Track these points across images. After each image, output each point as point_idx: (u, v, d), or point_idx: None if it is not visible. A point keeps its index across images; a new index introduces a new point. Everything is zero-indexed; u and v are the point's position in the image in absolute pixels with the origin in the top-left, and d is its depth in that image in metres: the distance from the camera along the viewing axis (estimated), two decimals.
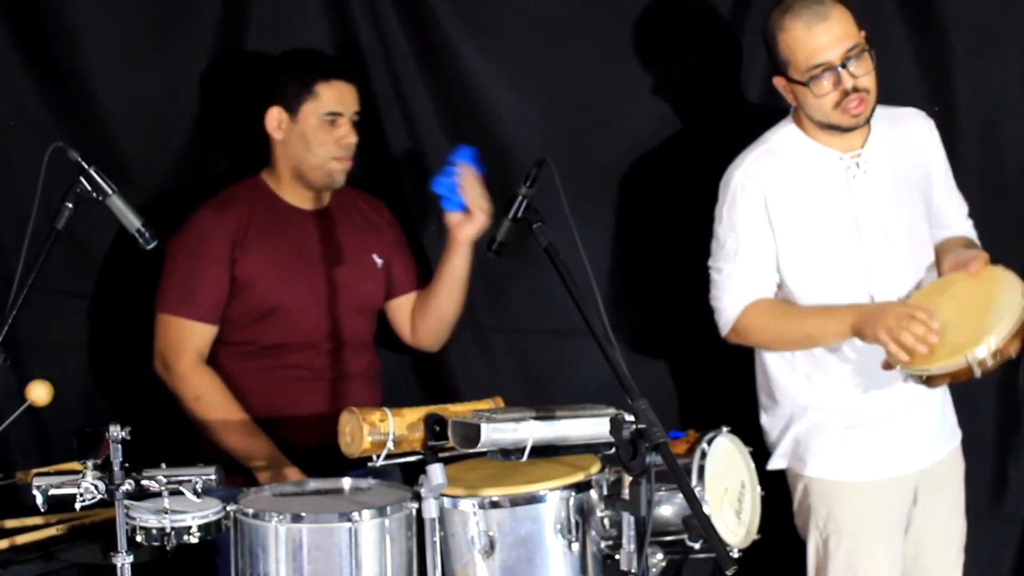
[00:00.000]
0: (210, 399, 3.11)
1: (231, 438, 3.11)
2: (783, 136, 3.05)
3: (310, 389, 3.19)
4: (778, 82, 2.99)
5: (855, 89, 2.88)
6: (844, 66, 2.87)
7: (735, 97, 3.57)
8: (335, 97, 3.18)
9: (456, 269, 3.25)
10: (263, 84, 3.23)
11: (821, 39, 2.87)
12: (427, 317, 3.34)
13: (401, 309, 3.39)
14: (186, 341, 3.12)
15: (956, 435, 3.20)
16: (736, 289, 3.04)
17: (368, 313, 3.34)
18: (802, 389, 3.09)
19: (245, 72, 3.40)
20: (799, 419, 3.10)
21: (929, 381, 2.85)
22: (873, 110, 2.96)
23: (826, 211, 3.00)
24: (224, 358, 3.18)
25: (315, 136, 3.17)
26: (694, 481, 2.68)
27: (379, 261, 3.32)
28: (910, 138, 3.09)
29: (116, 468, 2.51)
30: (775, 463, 3.11)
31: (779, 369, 3.11)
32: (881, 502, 3.06)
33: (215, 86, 3.45)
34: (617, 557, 2.53)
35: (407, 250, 3.40)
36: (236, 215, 3.16)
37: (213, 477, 2.60)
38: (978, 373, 2.75)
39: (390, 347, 3.54)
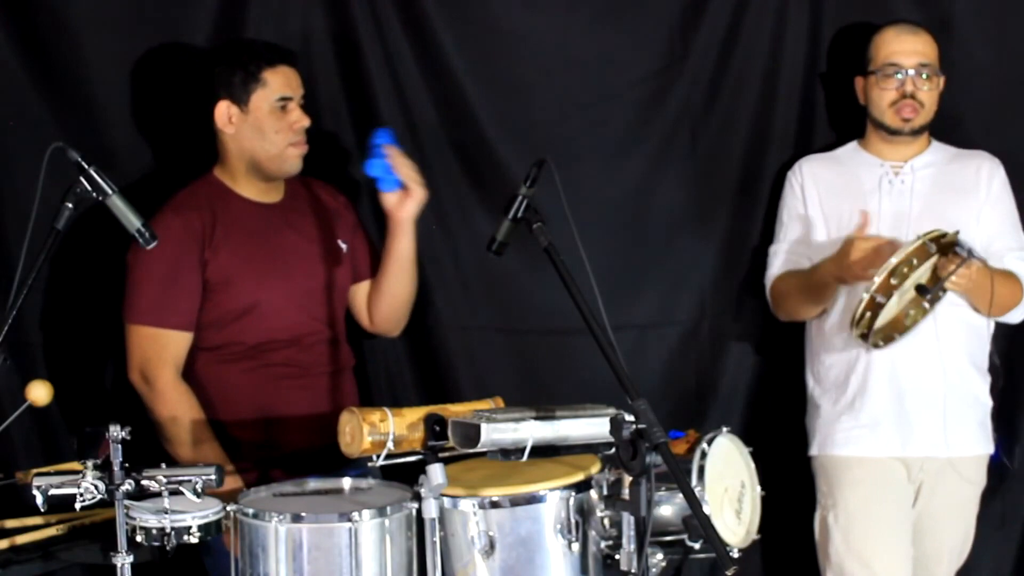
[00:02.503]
0: (185, 421, 3.03)
1: (183, 450, 3.03)
2: (845, 148, 3.44)
3: (298, 386, 3.15)
4: (857, 82, 3.38)
5: (913, 96, 3.25)
6: (911, 73, 3.25)
7: (733, 96, 3.57)
8: (283, 82, 3.11)
9: (402, 250, 3.20)
10: (203, 80, 3.15)
11: (904, 45, 3.28)
12: (381, 301, 3.29)
13: (360, 295, 3.34)
14: (166, 352, 3.04)
15: (975, 445, 3.31)
16: (774, 265, 3.40)
17: (343, 301, 3.30)
18: (813, 373, 3.38)
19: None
20: (808, 403, 3.37)
21: (872, 339, 3.03)
22: (922, 128, 3.31)
23: (854, 208, 3.26)
24: (202, 365, 3.11)
25: (269, 124, 3.09)
26: (694, 481, 2.68)
27: (344, 246, 3.27)
28: (966, 173, 3.32)
29: (116, 468, 2.51)
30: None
31: (807, 357, 3.41)
32: (875, 479, 3.23)
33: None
34: (617, 557, 2.53)
35: (364, 234, 3.35)
36: (200, 216, 3.07)
37: (213, 477, 2.59)
38: (881, 299, 2.93)
39: (391, 346, 3.55)
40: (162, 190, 3.26)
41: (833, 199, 3.33)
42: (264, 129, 3.10)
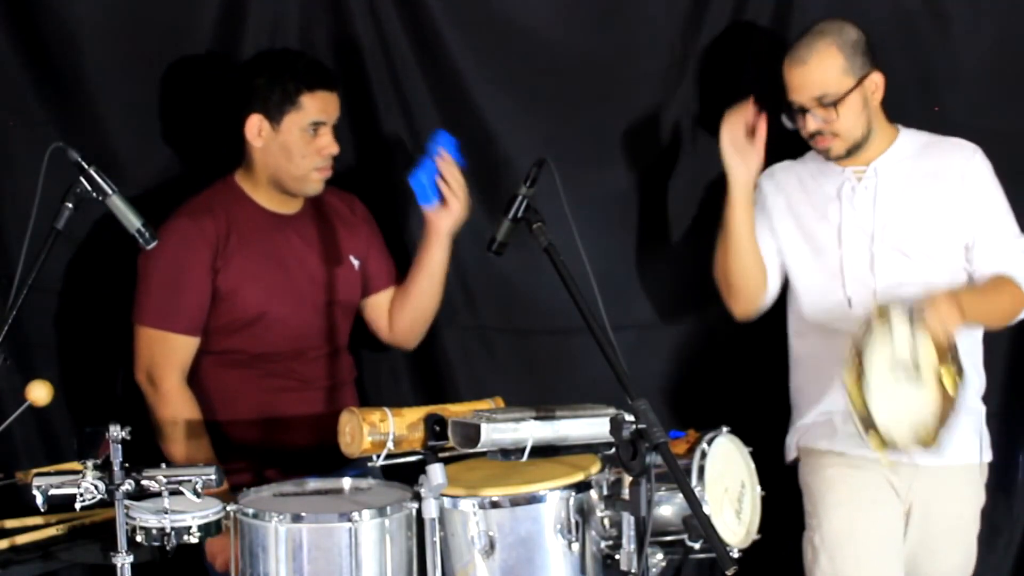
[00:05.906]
0: (185, 426, 3.04)
1: (177, 449, 3.05)
2: (811, 153, 3.27)
3: (298, 399, 3.15)
4: None
5: (820, 133, 3.11)
6: (810, 111, 3.10)
7: (733, 96, 3.57)
8: (319, 107, 3.08)
9: (435, 261, 3.19)
10: (241, 88, 3.13)
11: (793, 81, 3.12)
12: (405, 312, 3.29)
13: (378, 306, 3.33)
14: (172, 356, 3.06)
15: (965, 454, 3.16)
16: None
17: (349, 316, 3.30)
18: (793, 376, 3.33)
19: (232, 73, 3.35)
20: (792, 409, 3.32)
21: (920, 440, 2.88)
22: (856, 146, 3.13)
23: (817, 217, 3.20)
24: (207, 368, 3.13)
25: (297, 148, 3.08)
26: (694, 481, 2.68)
27: (356, 262, 3.26)
28: (940, 165, 3.17)
29: (116, 468, 2.51)
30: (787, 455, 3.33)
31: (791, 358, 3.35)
32: (860, 499, 3.12)
33: (209, 86, 3.45)
34: (617, 557, 2.54)
35: (382, 245, 3.35)
36: (214, 223, 3.07)
37: (213, 477, 2.59)
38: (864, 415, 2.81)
39: (389, 346, 3.55)
40: (167, 192, 3.27)
41: (797, 206, 3.24)
42: (292, 151, 3.09)
